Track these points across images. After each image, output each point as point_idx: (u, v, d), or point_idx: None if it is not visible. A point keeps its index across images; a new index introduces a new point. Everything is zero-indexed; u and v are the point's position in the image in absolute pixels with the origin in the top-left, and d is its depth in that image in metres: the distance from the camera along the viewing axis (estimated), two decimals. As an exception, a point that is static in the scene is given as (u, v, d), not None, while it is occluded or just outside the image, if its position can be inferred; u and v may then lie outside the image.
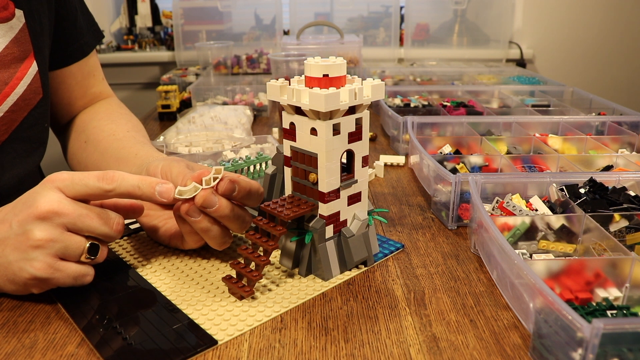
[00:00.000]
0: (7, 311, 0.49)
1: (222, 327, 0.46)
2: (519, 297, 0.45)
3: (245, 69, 1.74)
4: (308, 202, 0.52)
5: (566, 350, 0.37)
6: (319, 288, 0.52)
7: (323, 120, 0.48)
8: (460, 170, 0.76)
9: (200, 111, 1.14)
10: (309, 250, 0.53)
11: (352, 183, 0.53)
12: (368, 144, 0.53)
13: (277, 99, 0.52)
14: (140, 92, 2.08)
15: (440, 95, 1.26)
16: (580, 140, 0.87)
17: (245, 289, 0.49)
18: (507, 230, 0.57)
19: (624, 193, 0.63)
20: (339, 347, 0.44)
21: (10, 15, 0.64)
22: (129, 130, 0.75)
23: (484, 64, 1.85)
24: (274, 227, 0.49)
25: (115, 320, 0.46)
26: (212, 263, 0.56)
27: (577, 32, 2.01)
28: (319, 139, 0.49)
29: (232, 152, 0.85)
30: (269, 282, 0.53)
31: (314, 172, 0.51)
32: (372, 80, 0.52)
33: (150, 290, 0.51)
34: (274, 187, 0.57)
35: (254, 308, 0.48)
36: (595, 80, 2.07)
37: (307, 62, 0.49)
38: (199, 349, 0.43)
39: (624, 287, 0.47)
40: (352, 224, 0.54)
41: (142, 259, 0.57)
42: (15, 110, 0.67)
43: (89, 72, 0.82)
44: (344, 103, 0.48)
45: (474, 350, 0.43)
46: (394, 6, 1.94)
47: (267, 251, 0.49)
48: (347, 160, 0.54)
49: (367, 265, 0.56)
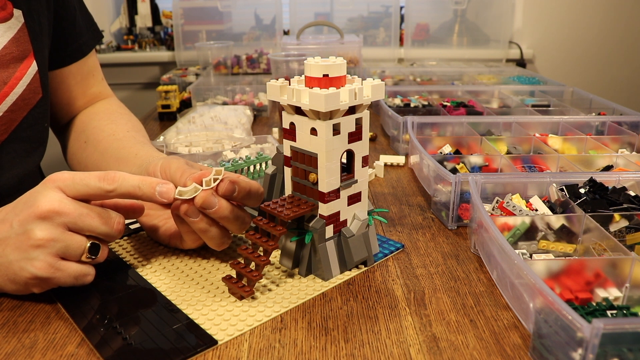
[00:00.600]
0: (7, 311, 0.49)
1: (222, 327, 0.46)
2: (519, 297, 0.45)
3: (245, 69, 1.74)
4: (308, 202, 0.52)
5: (566, 350, 0.37)
6: (319, 288, 0.52)
7: (323, 120, 0.48)
8: (460, 170, 0.76)
9: (200, 111, 1.14)
10: (309, 250, 0.53)
11: (352, 183, 0.53)
12: (368, 144, 0.53)
13: (277, 99, 0.52)
14: (140, 92, 2.08)
15: (440, 95, 1.26)
16: (580, 140, 0.87)
17: (245, 289, 0.49)
18: (507, 230, 0.57)
19: (624, 193, 0.63)
20: (339, 347, 0.44)
21: (9, 15, 0.64)
22: (129, 131, 0.75)
23: (484, 64, 1.85)
24: (274, 227, 0.49)
25: (115, 320, 0.46)
26: (212, 263, 0.56)
27: (577, 32, 2.01)
28: (319, 139, 0.49)
29: (232, 152, 0.85)
30: (269, 282, 0.53)
31: (314, 172, 0.51)
32: (372, 80, 0.52)
33: (150, 290, 0.51)
34: (274, 187, 0.57)
35: (254, 308, 0.48)
36: (595, 80, 2.07)
37: (307, 62, 0.49)
38: (199, 349, 0.43)
39: (624, 287, 0.47)
40: (352, 224, 0.54)
41: (142, 259, 0.57)
42: (14, 110, 0.67)
43: (88, 72, 0.82)
44: (344, 103, 0.48)
45: (474, 350, 0.43)
46: (394, 6, 1.94)
47: (267, 251, 0.49)
48: (347, 160, 0.54)
49: (367, 265, 0.56)
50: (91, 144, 0.75)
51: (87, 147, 0.76)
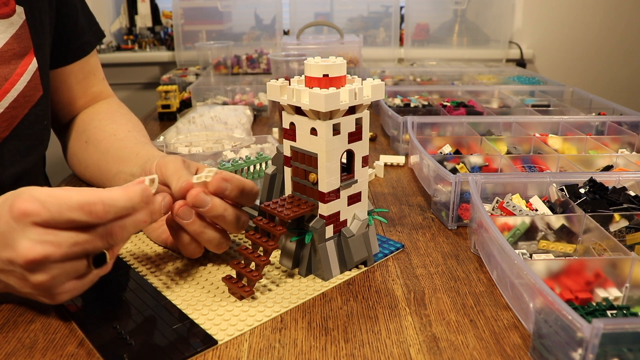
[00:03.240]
0: (7, 311, 0.49)
1: (222, 327, 0.46)
2: (519, 297, 0.45)
3: (245, 69, 1.74)
4: (308, 202, 0.52)
5: (566, 350, 0.37)
6: (319, 288, 0.52)
7: (323, 120, 0.48)
8: (460, 170, 0.76)
9: (200, 111, 1.14)
10: (309, 250, 0.53)
11: (352, 183, 0.53)
12: (368, 144, 0.53)
13: (277, 99, 0.52)
14: (140, 92, 2.07)
15: (440, 95, 1.26)
16: (580, 140, 0.87)
17: (245, 289, 0.49)
18: (507, 230, 0.57)
19: (624, 193, 0.63)
20: (339, 347, 0.44)
21: (11, 12, 0.64)
22: (129, 130, 0.75)
23: (484, 64, 1.85)
24: (274, 227, 0.49)
25: (116, 321, 0.46)
26: (212, 263, 0.56)
27: (577, 32, 2.01)
28: (319, 139, 0.49)
29: (232, 152, 0.85)
30: (269, 282, 0.53)
31: (314, 172, 0.51)
32: (372, 80, 0.52)
33: (151, 290, 0.51)
34: (274, 187, 0.57)
35: (254, 308, 0.48)
36: (595, 80, 2.07)
37: (307, 62, 0.49)
38: (199, 348, 0.43)
39: (624, 287, 0.47)
40: (352, 224, 0.54)
41: (142, 259, 0.57)
42: (15, 106, 0.67)
43: (89, 71, 0.82)
44: (344, 103, 0.48)
45: (474, 350, 0.43)
46: (394, 6, 1.94)
47: (267, 251, 0.49)
48: (347, 160, 0.54)
49: (367, 265, 0.56)
50: (92, 144, 0.75)
51: (88, 147, 0.76)
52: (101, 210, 0.41)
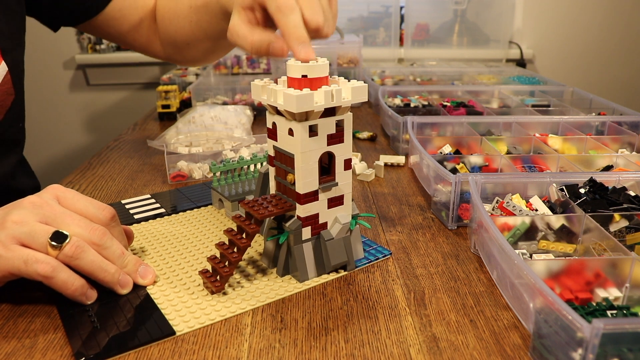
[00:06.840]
0: (7, 311, 0.49)
1: (185, 318, 0.47)
2: (519, 297, 0.45)
3: (245, 69, 1.74)
4: (287, 202, 0.52)
5: (566, 350, 0.37)
6: (292, 289, 0.52)
7: (298, 121, 0.48)
8: (460, 170, 0.76)
9: (200, 111, 1.14)
10: (286, 250, 0.53)
11: (331, 186, 0.52)
12: (351, 146, 0.53)
13: (259, 98, 0.51)
14: (140, 92, 2.07)
15: (440, 95, 1.26)
16: (580, 140, 0.87)
17: (216, 284, 0.50)
18: (507, 230, 0.57)
19: (624, 193, 0.63)
20: (339, 347, 0.44)
21: None
22: None
23: (484, 64, 1.85)
24: (248, 225, 0.50)
25: (90, 306, 0.48)
26: (196, 256, 0.58)
27: (577, 32, 2.01)
28: (295, 139, 0.49)
29: (232, 151, 0.85)
30: (245, 279, 0.54)
31: (291, 172, 0.51)
32: (355, 82, 0.51)
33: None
34: (267, 185, 0.57)
35: (221, 303, 0.49)
36: (595, 80, 2.07)
37: (288, 63, 0.49)
38: (155, 337, 0.44)
39: (624, 287, 0.47)
40: (333, 227, 0.54)
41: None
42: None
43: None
44: (319, 105, 0.48)
45: (474, 350, 0.43)
46: (394, 6, 1.94)
47: (240, 248, 0.50)
48: (329, 163, 0.53)
49: (347, 270, 0.55)
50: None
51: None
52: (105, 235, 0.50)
